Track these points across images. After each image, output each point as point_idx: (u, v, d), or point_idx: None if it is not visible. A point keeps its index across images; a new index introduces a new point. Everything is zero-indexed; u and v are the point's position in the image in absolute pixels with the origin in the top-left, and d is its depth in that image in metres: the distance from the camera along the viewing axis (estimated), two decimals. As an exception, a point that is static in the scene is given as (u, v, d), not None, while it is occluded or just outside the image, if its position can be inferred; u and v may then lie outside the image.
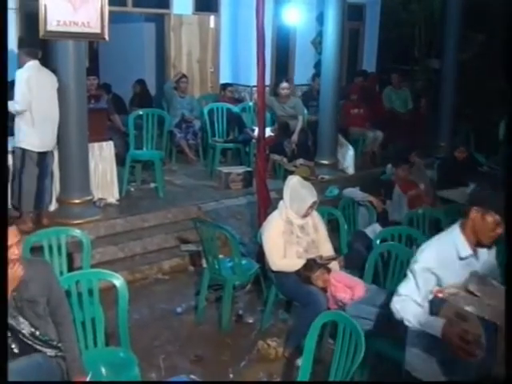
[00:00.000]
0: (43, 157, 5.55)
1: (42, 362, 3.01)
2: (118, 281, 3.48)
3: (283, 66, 10.01)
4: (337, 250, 4.82)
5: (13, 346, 3.00)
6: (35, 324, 3.03)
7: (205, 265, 5.17)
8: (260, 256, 4.82)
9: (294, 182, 4.48)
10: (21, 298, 2.98)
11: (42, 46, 5.63)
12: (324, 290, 4.21)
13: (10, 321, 2.96)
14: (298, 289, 4.28)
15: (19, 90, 5.30)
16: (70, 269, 4.40)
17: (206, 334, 4.68)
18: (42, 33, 5.21)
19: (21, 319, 2.99)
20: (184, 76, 8.44)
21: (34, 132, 5.41)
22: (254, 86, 8.28)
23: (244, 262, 4.89)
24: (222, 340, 4.57)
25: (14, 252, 2.88)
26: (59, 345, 3.11)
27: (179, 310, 5.02)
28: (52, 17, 5.18)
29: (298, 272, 4.29)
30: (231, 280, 4.70)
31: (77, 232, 4.30)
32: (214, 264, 4.74)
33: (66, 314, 3.13)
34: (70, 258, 4.67)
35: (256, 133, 6.95)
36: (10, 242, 2.87)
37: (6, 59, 3.51)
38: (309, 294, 4.18)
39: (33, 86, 5.33)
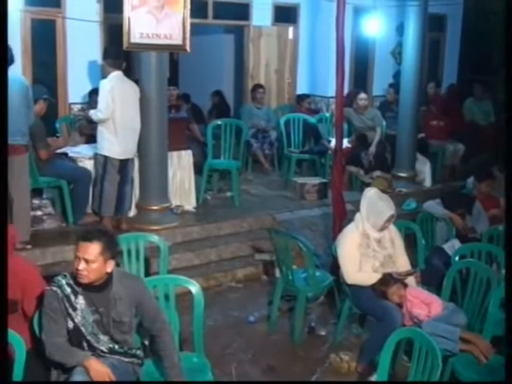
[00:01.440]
0: (124, 164, 5.72)
1: (116, 365, 3.11)
2: (194, 287, 3.54)
3: (361, 77, 9.93)
4: (413, 265, 4.71)
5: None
6: (117, 339, 3.12)
7: (278, 275, 5.18)
8: (334, 268, 4.77)
9: (371, 195, 4.41)
10: (108, 314, 3.07)
11: (125, 57, 5.81)
12: (399, 305, 4.11)
13: (88, 336, 3.06)
14: (372, 303, 4.21)
15: (103, 99, 5.48)
16: (147, 274, 4.52)
17: (278, 344, 4.68)
18: (125, 45, 5.37)
19: (101, 337, 3.08)
20: (261, 87, 8.52)
21: (116, 140, 5.58)
22: (331, 97, 8.27)
23: (318, 273, 4.86)
24: (293, 351, 4.56)
25: (91, 266, 2.99)
26: (137, 353, 3.19)
27: (252, 318, 5.04)
28: (135, 29, 5.34)
29: (373, 286, 4.22)
30: (304, 291, 4.68)
31: (155, 238, 4.41)
32: (288, 274, 4.73)
33: (162, 327, 3.19)
34: (147, 263, 4.77)
35: (332, 144, 6.92)
36: (91, 257, 2.98)
37: (6, 60, 3.64)
38: (384, 309, 4.10)
39: (116, 95, 5.49)
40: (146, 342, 3.59)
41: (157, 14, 5.40)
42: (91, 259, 2.99)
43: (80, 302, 3.05)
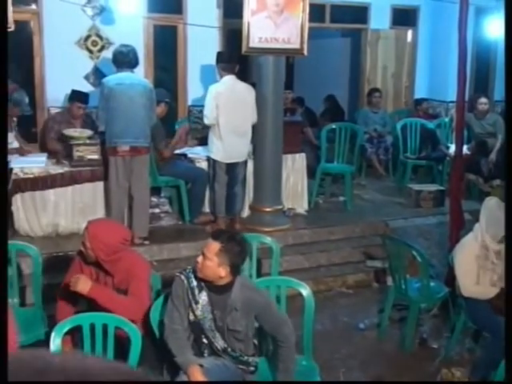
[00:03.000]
0: (232, 167, 5.80)
1: (228, 365, 3.17)
2: (305, 290, 3.54)
3: (482, 81, 9.52)
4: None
5: (205, 352, 3.18)
6: (232, 345, 3.16)
7: (390, 283, 5.08)
8: (450, 279, 4.61)
9: (491, 204, 4.22)
10: (223, 319, 3.11)
11: (242, 60, 5.91)
12: (519, 322, 3.91)
13: (207, 332, 3.13)
14: (489, 319, 4.01)
15: (208, 105, 5.59)
16: (259, 274, 4.59)
17: (388, 353, 4.58)
18: (244, 49, 5.47)
19: (217, 335, 3.14)
20: (377, 90, 8.39)
21: (221, 145, 5.67)
22: (451, 102, 8.00)
23: (432, 284, 4.71)
24: (403, 361, 4.44)
25: (205, 262, 3.05)
26: (250, 360, 3.23)
27: (362, 325, 4.97)
28: (254, 34, 5.42)
29: (490, 301, 4.03)
30: (418, 302, 4.56)
31: (267, 239, 4.46)
32: (401, 283, 4.62)
33: (284, 339, 3.16)
34: (259, 264, 4.84)
35: (451, 150, 6.69)
36: (208, 254, 3.05)
37: (6, 60, 3.73)
38: (501, 326, 3.90)
39: (221, 101, 5.55)
40: (255, 341, 3.63)
41: (276, 19, 5.46)
42: (207, 256, 3.05)
43: (203, 297, 3.12)
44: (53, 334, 3.04)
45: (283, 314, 3.31)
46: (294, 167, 6.43)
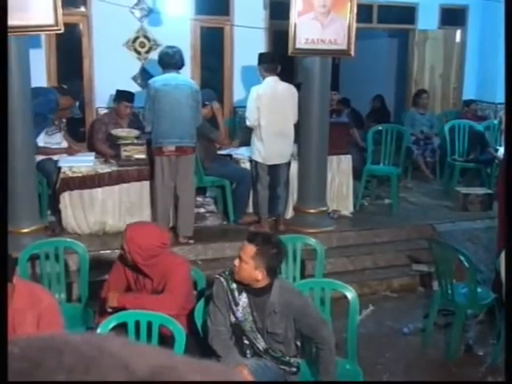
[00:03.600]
0: (275, 168, 5.80)
1: (270, 366, 3.17)
2: (351, 293, 3.51)
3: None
4: None
5: (247, 352, 3.20)
6: (272, 346, 3.16)
7: (436, 287, 5.00)
8: (497, 286, 4.50)
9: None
10: (262, 321, 3.12)
11: (287, 61, 5.90)
12: None
13: (248, 333, 3.15)
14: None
15: (249, 107, 5.62)
16: (302, 276, 4.57)
17: (432, 358, 4.51)
18: (290, 50, 5.46)
19: (259, 336, 3.15)
20: (425, 92, 8.27)
21: (262, 147, 5.68)
22: (500, 103, 7.82)
23: (479, 289, 4.61)
24: (448, 368, 4.36)
25: (241, 265, 3.04)
26: (292, 361, 3.22)
27: (406, 330, 4.90)
28: (301, 35, 5.40)
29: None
30: (464, 307, 4.47)
31: (312, 241, 4.45)
32: (447, 288, 4.54)
33: (323, 341, 3.14)
34: (302, 265, 4.83)
35: (500, 153, 6.54)
36: (244, 257, 3.04)
37: (6, 61, 3.74)
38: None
39: (263, 103, 5.56)
40: (298, 343, 3.62)
41: (322, 20, 5.44)
42: (244, 259, 3.03)
43: (243, 299, 3.13)
44: (98, 330, 3.09)
45: (322, 317, 3.29)
46: (340, 169, 6.39)
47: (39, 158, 5.57)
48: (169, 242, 3.53)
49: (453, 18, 9.06)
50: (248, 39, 7.53)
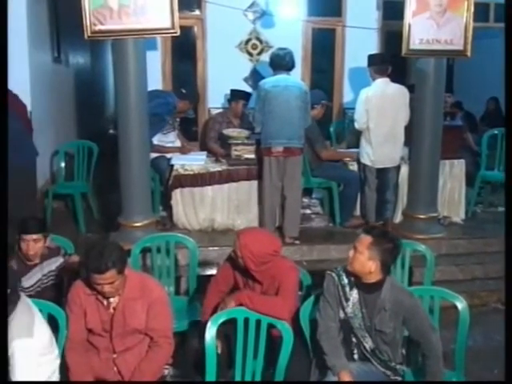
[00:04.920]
0: (383, 172, 5.72)
1: (374, 371, 3.14)
2: (461, 304, 3.39)
3: None
4: None
5: (355, 352, 3.17)
6: (379, 347, 3.13)
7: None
8: None
9: None
10: (371, 318, 3.09)
11: (399, 62, 5.77)
12: None
13: (356, 331, 3.13)
14: None
15: (358, 109, 5.58)
16: (410, 283, 4.46)
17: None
18: (404, 51, 5.34)
19: (366, 334, 3.12)
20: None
21: (371, 150, 5.63)
22: None
23: None
24: None
25: (356, 255, 3.05)
26: (397, 367, 3.16)
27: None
28: (415, 35, 5.28)
29: None
30: None
31: (422, 247, 4.32)
32: None
33: (431, 347, 3.09)
34: (410, 272, 4.71)
35: None
36: (359, 247, 3.05)
37: (6, 60, 3.69)
38: None
39: (372, 106, 5.51)
40: (403, 351, 3.54)
41: (438, 19, 5.29)
42: (358, 249, 3.04)
43: (354, 295, 3.12)
44: (209, 324, 3.18)
45: (432, 322, 3.22)
46: (452, 173, 6.18)
47: (153, 155, 5.79)
48: (280, 249, 3.55)
49: None
50: (360, 40, 7.45)
